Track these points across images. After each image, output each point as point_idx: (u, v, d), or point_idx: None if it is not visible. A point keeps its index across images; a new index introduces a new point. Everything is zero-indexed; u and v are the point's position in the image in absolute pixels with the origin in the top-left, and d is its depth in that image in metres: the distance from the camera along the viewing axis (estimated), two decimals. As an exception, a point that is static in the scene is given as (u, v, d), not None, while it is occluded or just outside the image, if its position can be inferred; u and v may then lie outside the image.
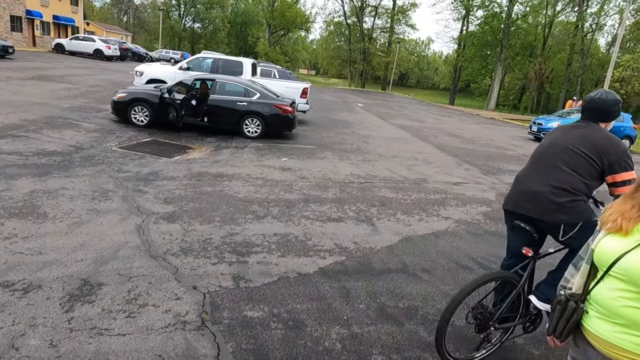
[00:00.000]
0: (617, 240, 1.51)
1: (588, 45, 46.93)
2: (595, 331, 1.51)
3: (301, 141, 10.52)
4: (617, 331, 1.44)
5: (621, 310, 1.42)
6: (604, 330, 1.47)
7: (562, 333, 1.64)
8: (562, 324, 1.63)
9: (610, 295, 1.46)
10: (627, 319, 1.40)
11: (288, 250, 4.24)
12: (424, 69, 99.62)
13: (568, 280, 1.74)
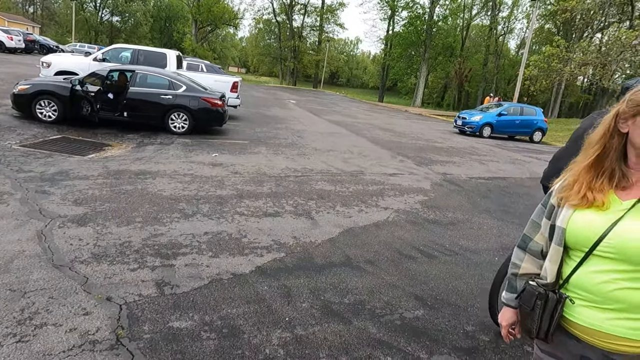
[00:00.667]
0: (596, 215, 1.29)
1: (501, 47, 50.67)
2: (582, 321, 1.29)
3: (233, 136, 10.00)
4: (611, 318, 1.23)
5: (615, 294, 1.21)
6: (595, 319, 1.26)
7: (548, 332, 1.36)
8: (546, 321, 1.36)
9: (599, 278, 1.24)
10: (624, 303, 1.20)
11: (221, 249, 3.82)
12: (354, 68, 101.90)
13: (518, 265, 1.53)
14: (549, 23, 44.80)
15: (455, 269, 3.97)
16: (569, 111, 49.79)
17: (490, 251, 4.55)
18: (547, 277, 1.40)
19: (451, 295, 3.45)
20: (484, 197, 6.96)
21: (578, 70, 29.64)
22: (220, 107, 9.59)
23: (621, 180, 1.30)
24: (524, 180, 8.85)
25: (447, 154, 11.30)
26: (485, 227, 5.37)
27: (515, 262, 1.57)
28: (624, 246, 1.20)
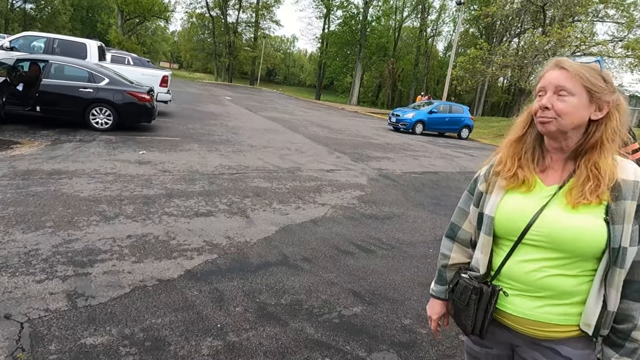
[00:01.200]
0: (524, 199, 1.25)
1: (430, 48, 53.10)
2: (513, 311, 1.25)
3: (163, 133, 9.44)
4: (541, 306, 1.20)
5: (545, 281, 1.18)
6: (526, 308, 1.22)
7: (483, 327, 1.30)
8: (481, 316, 1.30)
9: (529, 267, 1.20)
10: (554, 290, 1.18)
11: (146, 253, 3.51)
12: (290, 66, 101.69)
13: (447, 256, 1.50)
14: (473, 27, 47.71)
15: (392, 263, 3.97)
16: (491, 110, 53.33)
17: (425, 244, 4.63)
18: (479, 268, 1.34)
19: (389, 289, 3.43)
20: (418, 191, 7.14)
21: (499, 72, 31.84)
22: (148, 102, 9.01)
23: (540, 161, 1.30)
24: (454, 175, 9.24)
25: (383, 150, 11.53)
26: (419, 220, 5.48)
27: (444, 253, 1.53)
28: (554, 235, 1.17)
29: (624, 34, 33.39)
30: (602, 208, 1.13)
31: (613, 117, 1.20)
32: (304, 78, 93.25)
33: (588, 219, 1.13)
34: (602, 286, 1.15)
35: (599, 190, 1.14)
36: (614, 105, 1.19)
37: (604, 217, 1.12)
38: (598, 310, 1.16)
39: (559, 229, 1.16)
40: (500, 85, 50.21)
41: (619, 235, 1.11)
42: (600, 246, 1.12)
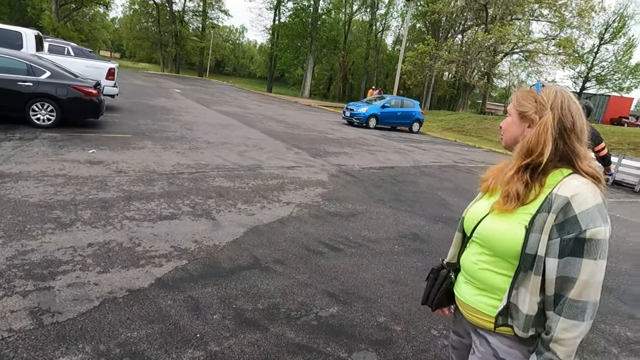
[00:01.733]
0: (482, 203, 1.47)
1: (380, 42, 54.04)
2: (461, 296, 1.46)
3: (113, 129, 8.98)
4: (477, 294, 1.39)
5: (479, 273, 1.37)
6: (467, 295, 1.43)
7: (433, 302, 1.55)
8: (434, 292, 1.55)
9: (471, 259, 1.41)
10: (484, 283, 1.36)
11: (111, 262, 3.36)
12: (240, 57, 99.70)
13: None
14: (420, 23, 49.08)
15: (361, 261, 4.07)
16: (438, 103, 55.37)
17: (390, 240, 4.78)
18: (448, 257, 1.60)
19: (361, 288, 3.52)
20: (378, 186, 7.32)
21: (445, 67, 33.09)
22: (95, 97, 8.52)
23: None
24: (410, 169, 9.55)
25: (339, 145, 11.67)
26: (382, 216, 5.63)
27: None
28: (483, 234, 1.36)
29: (557, 33, 35.72)
30: (529, 216, 1.23)
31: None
32: (254, 70, 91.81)
33: (509, 224, 1.28)
34: (512, 287, 1.26)
35: (512, 203, 1.29)
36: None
37: (525, 225, 1.23)
38: (501, 307, 1.28)
39: (486, 229, 1.35)
40: (446, 79, 52.16)
41: (535, 243, 1.19)
42: (516, 249, 1.23)
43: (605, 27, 40.70)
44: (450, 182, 8.60)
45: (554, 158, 1.27)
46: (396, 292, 3.53)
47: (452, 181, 8.78)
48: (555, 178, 1.26)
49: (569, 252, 1.16)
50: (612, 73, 42.76)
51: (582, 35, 36.85)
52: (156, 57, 59.14)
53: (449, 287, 1.51)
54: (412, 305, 3.35)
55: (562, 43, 33.30)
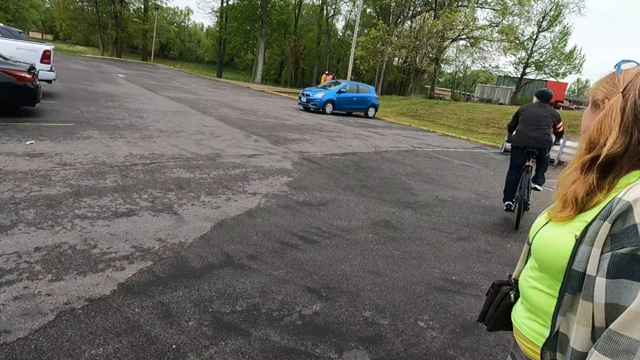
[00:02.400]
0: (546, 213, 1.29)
1: (331, 27, 53.73)
2: (513, 318, 1.28)
3: (52, 118, 8.20)
4: (525, 317, 1.20)
5: (528, 291, 1.19)
6: (518, 317, 1.24)
7: (490, 320, 1.38)
8: (492, 309, 1.38)
9: (524, 274, 1.24)
10: (532, 303, 1.17)
11: (64, 268, 2.98)
12: (186, 41, 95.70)
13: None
14: (370, 7, 49.20)
15: (337, 253, 3.93)
16: (389, 88, 56.17)
17: (363, 229, 4.67)
18: (514, 272, 1.39)
19: (341, 281, 3.39)
20: (343, 173, 7.20)
21: (397, 52, 33.47)
22: (30, 82, 7.71)
23: None
24: (372, 155, 9.52)
25: (299, 131, 11.43)
26: (352, 204, 5.52)
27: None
28: (534, 244, 1.18)
29: (500, 20, 37.11)
30: (583, 224, 0.99)
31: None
32: (202, 54, 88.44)
33: (559, 233, 1.07)
34: (557, 311, 1.01)
35: (568, 208, 1.06)
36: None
37: (575, 234, 1.00)
38: (548, 336, 1.04)
39: (537, 238, 1.17)
40: (396, 64, 52.94)
41: (585, 258, 0.95)
42: (561, 263, 1.01)
43: (543, 15, 42.79)
44: (412, 167, 8.66)
45: (629, 153, 0.98)
46: (377, 284, 3.42)
47: (414, 166, 8.85)
48: (628, 180, 0.98)
49: (621, 272, 0.88)
50: (549, 59, 45.17)
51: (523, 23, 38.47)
52: (95, 40, 55.35)
53: (509, 307, 1.32)
54: (395, 297, 3.25)
55: (505, 30, 34.69)
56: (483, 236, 5.01)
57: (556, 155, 12.46)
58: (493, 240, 4.93)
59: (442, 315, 3.09)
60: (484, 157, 12.15)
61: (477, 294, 3.50)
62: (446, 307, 3.21)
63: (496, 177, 9.03)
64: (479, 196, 7.02)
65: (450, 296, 3.39)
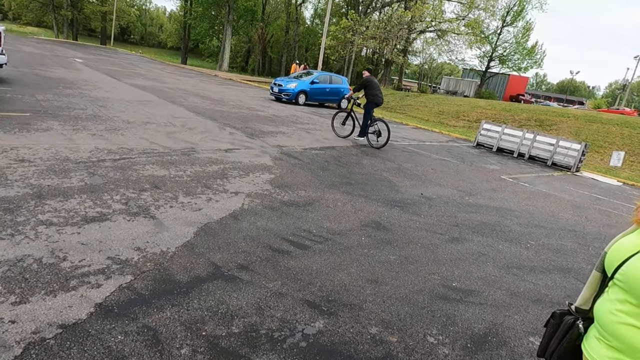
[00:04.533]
0: (633, 238, 1.12)
1: (300, 15, 52.90)
2: (590, 355, 1.12)
3: (4, 107, 7.47)
4: (611, 356, 1.05)
5: (618, 328, 1.04)
6: (598, 355, 1.09)
7: (553, 355, 1.23)
8: (554, 343, 1.24)
9: (609, 308, 1.08)
10: (623, 342, 1.02)
11: (30, 288, 2.59)
12: (148, 25, 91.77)
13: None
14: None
15: (332, 259, 3.69)
16: (357, 79, 56.14)
17: (354, 231, 4.45)
18: (578, 300, 1.25)
19: (341, 292, 3.16)
20: (325, 169, 6.96)
21: (366, 43, 33.35)
22: (-22, 67, 6.95)
23: None
24: (350, 149, 9.31)
25: (273, 123, 11.06)
26: (339, 203, 5.29)
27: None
28: (630, 280, 1.03)
29: (466, 14, 37.65)
30: None
31: None
32: (164, 39, 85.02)
33: None
34: None
35: None
36: None
37: None
38: None
39: (635, 270, 1.02)
40: (364, 55, 52.86)
41: None
42: None
43: (507, 10, 43.79)
44: (392, 162, 8.53)
45: None
46: (379, 294, 3.22)
47: (393, 161, 8.72)
48: None
49: None
50: (512, 54, 46.40)
51: (488, 17, 39.20)
52: (48, 21, 52.00)
53: (576, 340, 1.17)
54: (400, 309, 3.06)
55: (471, 24, 35.26)
56: (474, 237, 4.92)
57: (526, 150, 12.72)
58: (484, 241, 4.85)
59: (450, 328, 2.93)
60: (459, 150, 12.22)
61: (480, 302, 3.37)
62: (452, 319, 3.05)
63: (474, 172, 9.05)
64: (462, 193, 6.97)
65: (454, 306, 3.24)
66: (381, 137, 9.77)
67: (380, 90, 10.12)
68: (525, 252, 4.71)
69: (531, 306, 3.46)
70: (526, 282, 3.93)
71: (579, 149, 11.82)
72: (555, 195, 8.20)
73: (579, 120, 18.14)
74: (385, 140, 9.81)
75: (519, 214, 6.31)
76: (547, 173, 11.05)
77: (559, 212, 6.86)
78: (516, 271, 4.13)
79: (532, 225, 5.87)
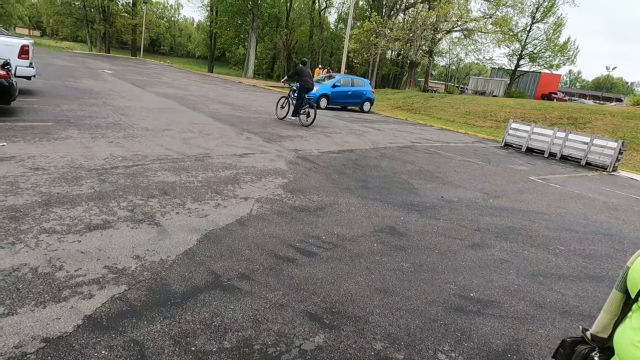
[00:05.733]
0: None
1: (323, 20, 53.03)
2: None
3: (29, 117, 7.66)
4: None
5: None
6: None
7: None
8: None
9: (632, 338, 0.86)
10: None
11: (20, 299, 2.52)
12: (177, 36, 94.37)
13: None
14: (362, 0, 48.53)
15: (339, 267, 3.49)
16: (382, 82, 55.66)
17: (366, 237, 4.24)
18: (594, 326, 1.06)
19: (346, 303, 2.95)
20: (341, 173, 6.76)
21: (391, 45, 32.96)
22: (3, 79, 7.17)
23: None
24: (369, 152, 9.08)
25: (292, 127, 10.96)
26: (352, 208, 5.08)
27: None
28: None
29: (493, 12, 36.67)
30: None
31: None
32: (192, 49, 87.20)
33: None
34: None
35: None
36: None
37: None
38: None
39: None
40: (389, 57, 52.36)
41: None
42: None
43: (537, 6, 42.40)
44: (413, 165, 8.24)
45: None
46: (387, 305, 2.99)
47: (414, 163, 8.43)
48: None
49: None
50: (543, 51, 44.85)
51: (516, 14, 38.07)
52: (82, 36, 54.22)
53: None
54: (409, 322, 2.83)
55: (499, 22, 34.27)
56: (497, 242, 4.60)
57: (558, 150, 12.10)
58: (508, 246, 4.53)
59: (464, 344, 2.67)
60: (485, 151, 11.76)
61: (500, 314, 3.09)
62: (468, 333, 2.79)
63: (501, 174, 8.63)
64: (486, 195, 6.62)
65: (470, 318, 2.97)
66: (309, 117, 11.52)
67: (311, 77, 11.79)
68: (554, 259, 4.36)
69: (558, 319, 3.14)
70: (553, 291, 3.60)
71: (616, 147, 11.14)
72: (588, 197, 7.69)
73: (615, 117, 17.19)
74: (312, 120, 11.52)
75: (547, 216, 5.91)
76: (581, 173, 10.45)
77: (592, 215, 6.40)
78: (542, 279, 3.81)
79: (562, 229, 5.47)
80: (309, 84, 11.56)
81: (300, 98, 11.60)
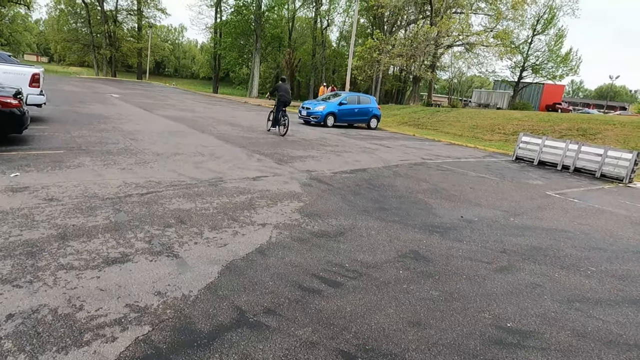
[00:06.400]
0: None
1: (325, 38, 53.67)
2: None
3: (40, 145, 7.65)
4: None
5: None
6: None
7: None
8: None
9: None
10: None
11: (41, 344, 2.40)
12: (181, 58, 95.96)
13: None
14: (364, 17, 49.15)
15: (368, 298, 3.35)
16: (385, 97, 55.93)
17: (391, 263, 4.09)
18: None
19: (380, 339, 2.80)
20: (356, 194, 6.64)
21: (393, 61, 33.18)
22: (16, 108, 7.18)
23: None
24: (382, 170, 8.97)
25: (302, 147, 10.90)
26: (373, 232, 4.95)
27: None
28: None
29: (494, 25, 36.93)
30: None
31: None
32: (197, 70, 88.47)
33: None
34: None
35: None
36: None
37: None
38: None
39: None
40: (392, 73, 52.68)
41: None
42: None
43: (537, 18, 42.69)
44: (427, 183, 8.11)
45: None
46: (422, 340, 2.84)
47: (428, 181, 8.30)
48: None
49: None
50: (545, 62, 44.97)
51: (517, 27, 38.31)
52: (89, 61, 55.12)
53: None
54: (447, 357, 2.67)
55: (500, 35, 34.48)
56: (525, 264, 4.44)
57: (571, 162, 11.93)
58: (537, 269, 4.36)
59: (509, 382, 2.51)
60: (497, 166, 11.62)
61: (541, 346, 2.92)
62: (512, 370, 2.62)
63: (517, 189, 8.48)
64: (506, 213, 6.46)
65: (511, 352, 2.81)
66: (285, 127, 12.89)
67: (288, 92, 13.17)
68: (587, 281, 4.18)
69: (604, 350, 2.97)
70: (593, 318, 3.43)
71: (631, 158, 10.97)
72: (610, 211, 7.50)
73: (626, 127, 17.03)
74: (285, 131, 12.85)
75: (572, 235, 5.74)
76: (597, 186, 10.27)
77: (617, 231, 6.22)
78: (579, 305, 3.63)
79: (590, 247, 5.29)
80: (285, 97, 12.93)
81: (278, 110, 12.94)
